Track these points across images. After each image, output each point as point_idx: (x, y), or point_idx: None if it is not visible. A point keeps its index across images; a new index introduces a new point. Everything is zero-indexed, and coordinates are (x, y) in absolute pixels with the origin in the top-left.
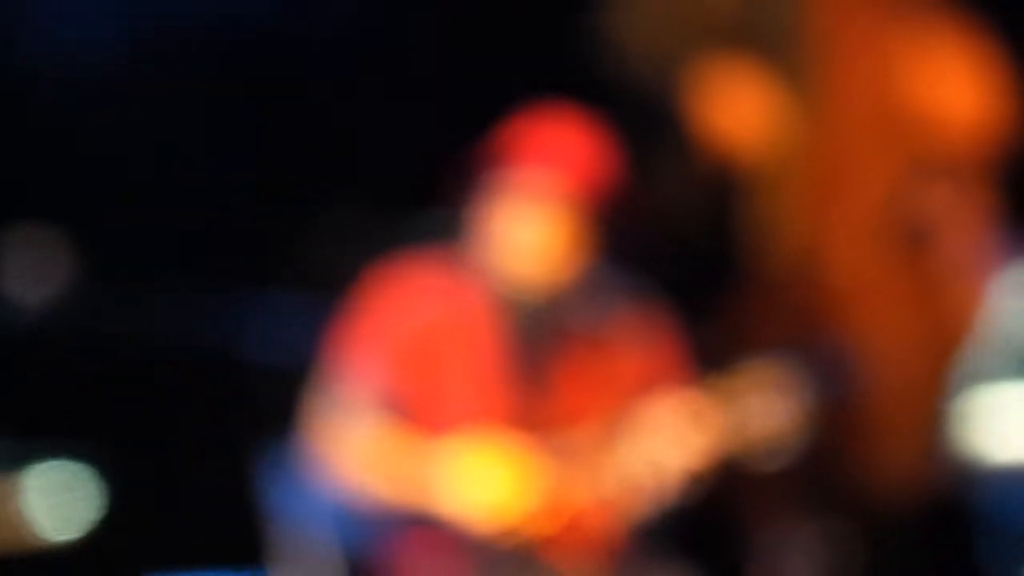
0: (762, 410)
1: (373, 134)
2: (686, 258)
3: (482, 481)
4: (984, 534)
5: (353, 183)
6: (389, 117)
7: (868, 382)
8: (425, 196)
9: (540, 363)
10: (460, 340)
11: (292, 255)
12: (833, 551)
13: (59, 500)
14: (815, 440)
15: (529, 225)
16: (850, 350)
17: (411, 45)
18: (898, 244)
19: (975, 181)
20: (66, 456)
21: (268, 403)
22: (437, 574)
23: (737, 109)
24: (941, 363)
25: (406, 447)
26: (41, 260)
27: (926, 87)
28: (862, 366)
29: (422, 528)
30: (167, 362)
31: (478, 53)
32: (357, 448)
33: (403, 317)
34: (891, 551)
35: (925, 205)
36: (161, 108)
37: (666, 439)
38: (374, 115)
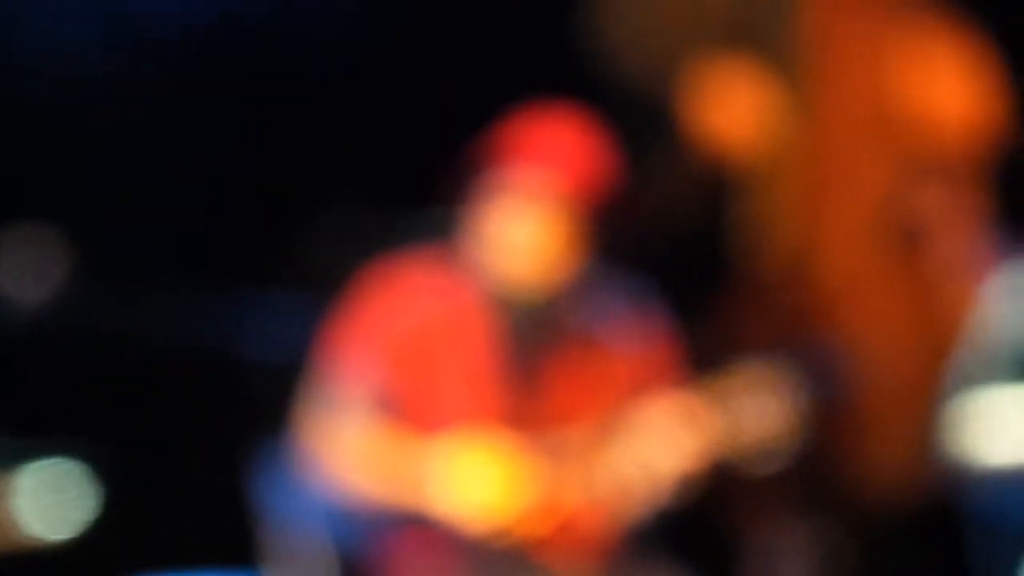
0: (755, 411)
1: (371, 134)
2: (680, 258)
3: (475, 480)
4: (977, 536)
5: (350, 182)
6: (386, 117)
7: (861, 383)
8: (422, 195)
9: (534, 363)
10: (454, 339)
11: (290, 254)
12: (826, 552)
13: (53, 499)
14: (808, 441)
15: (524, 225)
16: (843, 351)
17: (408, 45)
18: (892, 244)
19: (968, 181)
20: (61, 455)
21: (263, 402)
22: (430, 573)
23: (731, 109)
24: (935, 364)
25: (400, 446)
26: (38, 258)
27: (919, 88)
28: (855, 367)
29: (415, 527)
30: (163, 361)
31: (474, 53)
32: (351, 447)
33: (398, 316)
34: (884, 552)
35: (918, 205)
36: (160, 108)
37: (659, 440)
38: (371, 115)
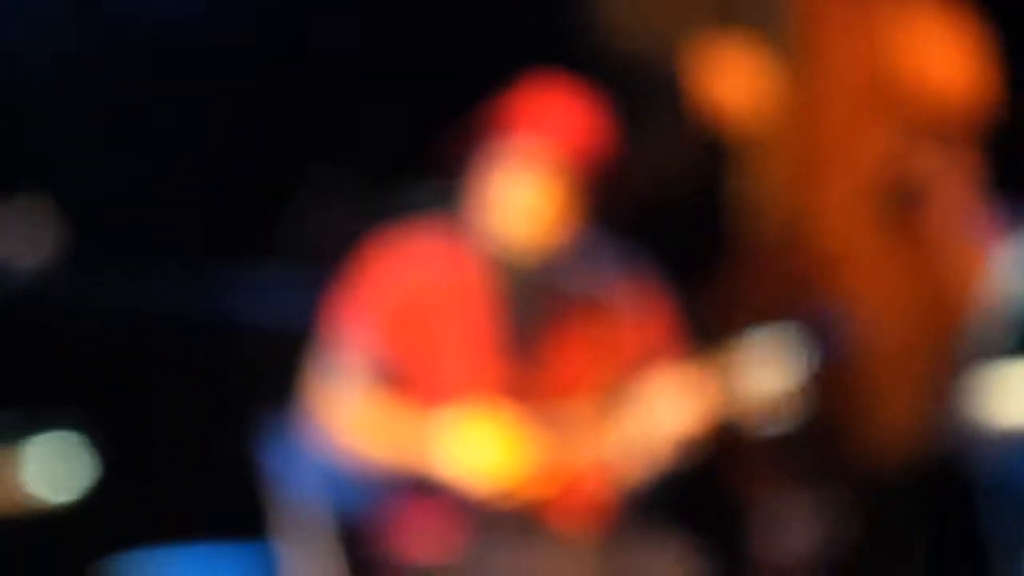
0: (758, 377)
1: (369, 103)
2: (679, 226)
3: (478, 445)
4: (986, 500)
5: (350, 152)
6: (384, 86)
7: (862, 347)
8: (421, 165)
9: (535, 329)
10: (455, 306)
11: (289, 224)
12: (830, 518)
13: (55, 469)
14: (811, 406)
15: (523, 191)
16: (844, 315)
17: (407, 15)
18: (889, 208)
19: (964, 146)
20: (62, 426)
21: (266, 371)
22: (434, 538)
23: (729, 78)
24: (935, 327)
25: (402, 413)
26: (34, 230)
27: (914, 53)
28: (856, 331)
29: (419, 492)
30: (164, 330)
31: (474, 25)
32: (354, 414)
33: (398, 283)
34: (888, 518)
35: (915, 169)
36: (156, 79)
37: (662, 406)
38: (369, 84)
